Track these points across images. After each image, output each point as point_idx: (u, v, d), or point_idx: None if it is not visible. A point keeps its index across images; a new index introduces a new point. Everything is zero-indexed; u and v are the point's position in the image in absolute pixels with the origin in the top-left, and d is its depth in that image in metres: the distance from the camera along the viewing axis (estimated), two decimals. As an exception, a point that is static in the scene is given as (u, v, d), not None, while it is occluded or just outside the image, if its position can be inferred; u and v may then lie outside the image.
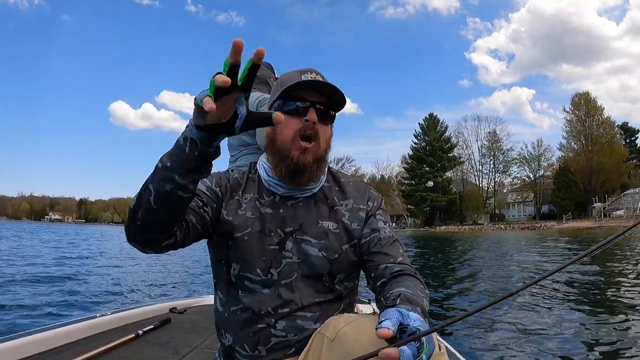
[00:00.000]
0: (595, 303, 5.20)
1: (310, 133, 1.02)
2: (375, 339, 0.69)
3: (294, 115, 1.03)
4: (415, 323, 0.70)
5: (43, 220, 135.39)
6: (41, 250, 15.00)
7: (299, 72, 1.05)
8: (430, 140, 59.61)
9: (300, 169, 1.02)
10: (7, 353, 1.63)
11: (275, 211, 1.06)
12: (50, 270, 8.80)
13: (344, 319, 0.89)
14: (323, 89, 1.03)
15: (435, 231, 49.49)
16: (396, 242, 1.08)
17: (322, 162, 1.07)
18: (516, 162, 59.86)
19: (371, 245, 1.06)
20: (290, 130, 1.02)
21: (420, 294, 0.90)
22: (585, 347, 3.44)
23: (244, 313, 1.00)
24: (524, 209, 58.89)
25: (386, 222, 1.12)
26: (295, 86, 1.01)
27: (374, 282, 1.03)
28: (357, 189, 1.16)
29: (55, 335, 1.86)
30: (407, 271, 1.00)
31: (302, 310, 0.99)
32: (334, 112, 1.08)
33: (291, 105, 1.03)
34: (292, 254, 1.02)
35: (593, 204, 46.41)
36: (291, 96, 1.03)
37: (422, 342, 0.68)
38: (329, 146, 1.09)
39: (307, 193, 1.09)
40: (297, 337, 0.97)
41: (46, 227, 61.15)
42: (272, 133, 1.07)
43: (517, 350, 3.45)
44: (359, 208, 1.11)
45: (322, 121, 1.04)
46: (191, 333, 2.22)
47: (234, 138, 2.65)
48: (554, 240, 20.73)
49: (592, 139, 50.79)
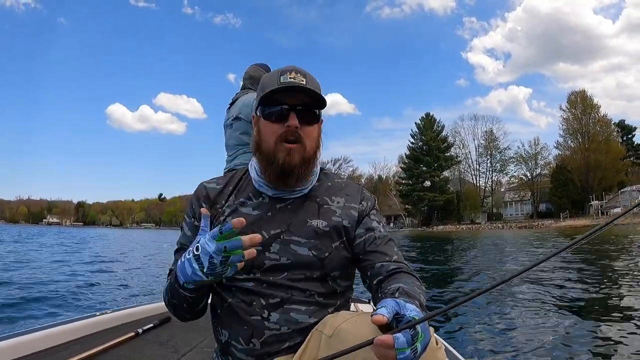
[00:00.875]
0: (589, 301, 5.21)
1: (292, 139, 1.00)
2: (374, 334, 0.69)
3: (275, 121, 1.01)
4: (412, 313, 0.70)
5: (41, 223, 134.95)
6: (42, 252, 14.96)
7: (278, 73, 1.02)
8: (426, 139, 59.62)
9: (287, 171, 1.01)
10: (7, 351, 1.64)
11: (262, 213, 1.05)
12: (50, 271, 8.79)
13: (342, 316, 0.89)
14: (304, 91, 1.01)
15: (433, 231, 49.44)
16: (391, 241, 1.08)
17: (310, 163, 1.05)
18: (513, 161, 59.96)
19: (366, 245, 1.05)
20: (272, 136, 1.01)
21: (417, 289, 0.90)
22: (580, 344, 3.46)
23: (237, 308, 1.00)
24: (521, 207, 58.92)
25: (380, 222, 1.11)
26: (272, 92, 1.00)
27: (370, 280, 1.03)
28: (350, 189, 1.15)
29: (55, 333, 1.86)
30: (404, 269, 1.00)
31: (296, 303, 0.98)
32: (319, 109, 1.06)
33: (271, 110, 1.02)
34: (279, 255, 1.00)
35: (590, 201, 46.46)
36: (271, 100, 1.01)
37: (417, 331, 0.68)
38: (318, 145, 1.07)
39: (297, 194, 1.07)
40: (291, 331, 0.96)
41: (46, 230, 60.85)
42: (257, 138, 1.06)
43: (514, 348, 3.47)
44: (350, 207, 1.10)
45: (305, 123, 1.02)
46: (191, 332, 2.22)
47: (231, 138, 2.66)
48: (552, 239, 20.76)
49: (589, 137, 50.81)
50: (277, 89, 0.99)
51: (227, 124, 2.70)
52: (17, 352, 1.67)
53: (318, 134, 1.07)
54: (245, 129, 2.55)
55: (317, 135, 1.06)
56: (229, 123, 2.68)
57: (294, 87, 0.99)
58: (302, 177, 1.04)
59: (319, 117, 1.06)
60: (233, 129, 2.62)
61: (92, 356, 1.72)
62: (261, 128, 1.05)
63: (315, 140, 1.06)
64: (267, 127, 1.03)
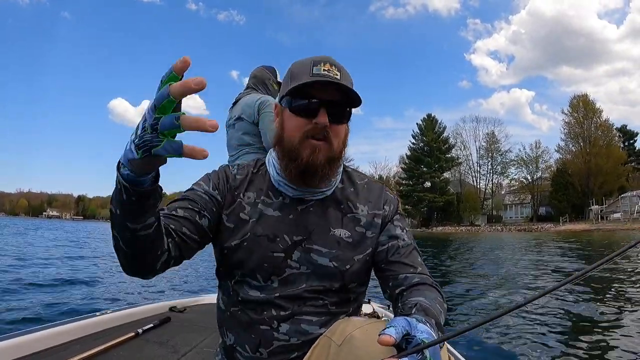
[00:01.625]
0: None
1: (320, 137, 0.93)
2: (383, 348, 0.66)
3: (303, 116, 0.93)
4: (422, 335, 0.66)
5: (41, 216, 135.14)
6: (43, 248, 14.96)
7: (311, 63, 0.94)
8: (428, 140, 59.77)
9: (311, 170, 0.94)
10: (7, 351, 1.63)
11: (283, 215, 0.99)
12: (50, 270, 8.78)
13: (353, 324, 0.84)
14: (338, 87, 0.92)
15: (432, 232, 49.51)
16: (415, 250, 1.02)
17: (335, 163, 0.98)
18: (514, 164, 60.10)
19: (389, 254, 1.00)
20: (298, 131, 0.94)
21: (438, 307, 0.85)
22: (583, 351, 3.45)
23: (245, 315, 0.96)
24: (521, 210, 59.00)
25: (404, 229, 1.05)
26: (304, 84, 0.92)
27: (392, 290, 0.98)
28: (373, 192, 1.08)
29: (55, 333, 1.85)
30: (427, 282, 0.96)
31: (307, 315, 0.94)
32: (350, 108, 0.98)
33: (300, 103, 0.94)
34: (299, 264, 0.96)
35: (590, 206, 46.53)
36: (301, 91, 0.93)
37: (425, 356, 0.64)
38: (345, 145, 1.00)
39: (319, 196, 1.01)
40: (300, 342, 0.92)
41: (47, 223, 60.85)
42: (280, 133, 0.98)
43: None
44: (374, 214, 1.03)
45: (335, 121, 0.94)
46: (191, 332, 2.22)
47: (233, 138, 2.65)
48: (552, 242, 20.74)
49: (590, 141, 50.92)
50: (309, 82, 0.91)
51: (230, 124, 2.69)
52: (18, 352, 1.66)
53: (346, 133, 0.99)
54: (247, 129, 2.54)
55: (345, 134, 0.99)
56: (231, 123, 2.67)
57: (329, 82, 0.91)
58: (325, 178, 0.98)
59: (349, 116, 0.98)
60: (235, 129, 2.62)
61: (92, 356, 1.71)
62: (285, 120, 0.97)
63: (343, 140, 0.99)
64: (292, 120, 0.95)
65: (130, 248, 0.80)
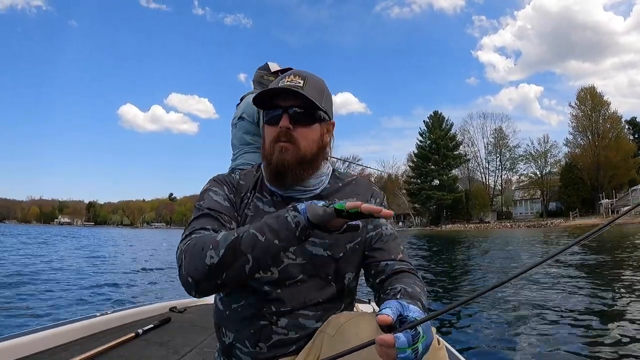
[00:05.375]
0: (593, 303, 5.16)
1: (285, 139, 1.02)
2: (375, 333, 0.71)
3: (272, 124, 1.04)
4: (414, 314, 0.72)
5: (52, 223, 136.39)
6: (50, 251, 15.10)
7: (280, 78, 1.05)
8: (435, 138, 59.29)
9: (281, 170, 1.02)
10: (8, 351, 1.66)
11: (275, 210, 1.04)
12: (49, 271, 8.88)
13: (345, 316, 0.91)
14: (297, 94, 1.00)
15: (441, 230, 49.11)
16: (397, 239, 1.09)
17: (307, 164, 1.04)
18: (523, 159, 59.39)
19: (373, 241, 1.06)
20: (269, 138, 1.04)
21: (418, 290, 0.92)
22: (582, 346, 3.43)
23: (245, 311, 1.00)
24: (531, 206, 58.27)
25: (388, 220, 1.08)
26: (268, 95, 1.03)
27: (374, 279, 1.04)
28: (360, 187, 1.15)
29: (55, 334, 1.88)
30: (407, 269, 1.02)
31: (304, 309, 0.99)
32: (315, 111, 1.04)
33: (268, 115, 1.05)
34: (295, 255, 1.01)
35: (600, 200, 45.82)
36: (270, 104, 1.04)
37: (418, 332, 0.70)
38: (321, 146, 1.07)
39: (308, 194, 1.08)
40: (298, 335, 0.98)
41: (58, 230, 61.37)
42: (262, 143, 1.09)
43: (515, 347, 3.45)
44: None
45: (299, 124, 1.02)
46: (191, 332, 2.24)
47: (235, 137, 2.70)
48: (559, 238, 20.50)
49: (599, 134, 50.12)
50: (273, 94, 1.02)
51: (233, 123, 2.75)
52: (18, 353, 1.69)
53: (319, 135, 1.06)
54: (247, 128, 2.58)
55: (316, 136, 1.05)
56: (234, 122, 2.72)
57: (287, 90, 1.00)
58: (299, 178, 1.04)
59: (319, 118, 1.05)
60: (237, 129, 2.66)
61: (93, 357, 1.74)
62: (264, 131, 1.08)
63: (314, 142, 1.05)
64: (266, 129, 1.06)
65: (252, 273, 0.88)
